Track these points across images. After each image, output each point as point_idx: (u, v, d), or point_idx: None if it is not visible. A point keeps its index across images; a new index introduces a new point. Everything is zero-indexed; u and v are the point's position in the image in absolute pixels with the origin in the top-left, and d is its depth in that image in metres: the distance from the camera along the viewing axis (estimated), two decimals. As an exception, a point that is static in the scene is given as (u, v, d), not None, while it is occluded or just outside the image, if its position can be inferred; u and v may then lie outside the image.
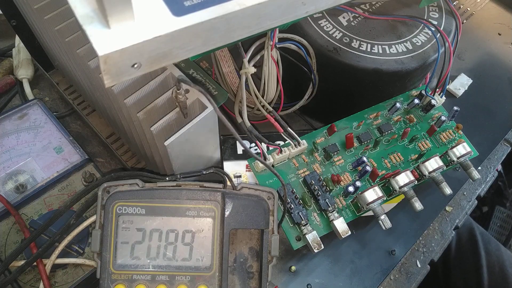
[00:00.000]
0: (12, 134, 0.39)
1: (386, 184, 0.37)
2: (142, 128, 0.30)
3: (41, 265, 0.31)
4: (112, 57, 0.19)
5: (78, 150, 0.39)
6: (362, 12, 0.41)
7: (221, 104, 0.38)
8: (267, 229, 0.31)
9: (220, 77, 0.41)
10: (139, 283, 0.29)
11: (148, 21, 0.20)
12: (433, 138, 0.40)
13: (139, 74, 0.21)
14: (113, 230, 0.29)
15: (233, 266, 0.31)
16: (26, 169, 0.37)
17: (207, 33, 0.22)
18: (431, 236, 0.43)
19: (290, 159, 0.38)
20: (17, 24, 0.39)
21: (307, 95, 0.42)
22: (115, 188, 0.30)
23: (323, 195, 0.35)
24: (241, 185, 0.31)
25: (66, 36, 0.30)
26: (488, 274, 0.52)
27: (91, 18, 0.19)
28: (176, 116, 0.29)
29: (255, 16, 0.23)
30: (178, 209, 0.30)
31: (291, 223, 0.35)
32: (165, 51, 0.21)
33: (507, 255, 0.54)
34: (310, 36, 0.39)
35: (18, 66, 0.45)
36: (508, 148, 0.49)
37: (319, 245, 0.34)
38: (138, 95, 0.29)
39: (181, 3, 0.21)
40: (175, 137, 0.28)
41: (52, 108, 0.45)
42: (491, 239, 0.56)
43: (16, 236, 0.34)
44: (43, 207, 0.35)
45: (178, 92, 0.26)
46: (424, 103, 0.41)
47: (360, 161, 0.37)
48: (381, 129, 0.39)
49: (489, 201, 0.96)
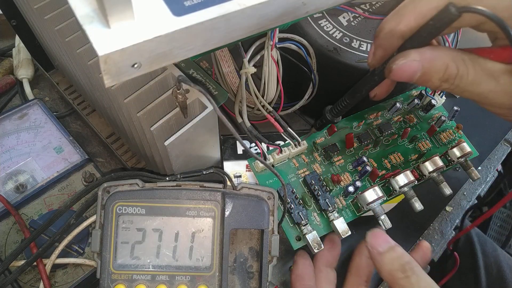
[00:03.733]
0: (12, 134, 0.39)
1: (386, 184, 0.37)
2: (142, 128, 0.30)
3: (41, 265, 0.31)
4: (112, 57, 0.19)
5: (78, 150, 0.39)
6: (362, 12, 0.41)
7: (221, 104, 0.38)
8: (267, 229, 0.31)
9: (220, 77, 0.41)
10: (139, 283, 0.29)
11: (148, 21, 0.20)
12: (433, 138, 0.40)
13: (139, 74, 0.21)
14: (113, 230, 0.29)
15: (233, 266, 0.31)
16: (26, 169, 0.37)
17: (207, 33, 0.22)
18: (431, 236, 0.43)
19: (290, 159, 0.38)
20: (17, 24, 0.39)
21: (307, 95, 0.42)
22: (115, 188, 0.30)
23: (323, 195, 0.35)
24: (241, 185, 0.31)
25: (66, 36, 0.30)
26: (485, 275, 0.52)
27: (91, 18, 0.19)
28: (176, 116, 0.29)
29: (255, 16, 0.23)
30: (178, 209, 0.30)
31: (291, 223, 0.35)
32: (165, 51, 0.21)
33: (503, 256, 0.54)
34: (310, 36, 0.39)
35: (18, 66, 0.45)
36: (508, 148, 0.49)
37: (319, 245, 0.34)
38: (138, 95, 0.29)
39: (181, 3, 0.21)
40: (175, 137, 0.28)
41: (52, 108, 0.45)
42: (487, 240, 0.56)
43: (16, 236, 0.34)
44: (43, 207, 0.35)
45: (178, 92, 0.26)
46: (424, 103, 0.41)
47: (360, 161, 0.37)
48: (381, 129, 0.39)
49: (489, 201, 0.96)
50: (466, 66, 0.25)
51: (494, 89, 0.25)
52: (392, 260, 0.29)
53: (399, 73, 0.26)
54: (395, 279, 0.28)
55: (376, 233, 0.31)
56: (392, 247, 0.30)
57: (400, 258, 0.29)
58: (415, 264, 0.29)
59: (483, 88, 0.25)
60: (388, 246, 0.30)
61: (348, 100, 0.32)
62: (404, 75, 0.26)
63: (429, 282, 0.28)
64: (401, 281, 0.28)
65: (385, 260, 0.30)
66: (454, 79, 0.25)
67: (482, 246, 0.55)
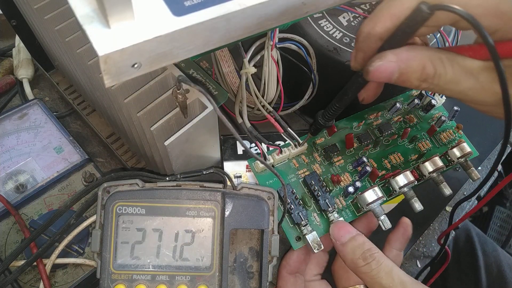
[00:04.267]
0: (12, 134, 0.39)
1: (386, 184, 0.37)
2: (142, 128, 0.30)
3: (41, 265, 0.31)
4: (112, 57, 0.19)
5: (78, 150, 0.39)
6: (362, 12, 0.41)
7: (221, 104, 0.38)
8: (267, 229, 0.31)
9: (220, 77, 0.41)
10: (139, 283, 0.29)
11: (148, 21, 0.20)
12: (433, 138, 0.40)
13: (139, 74, 0.21)
14: (113, 230, 0.29)
15: (233, 266, 0.31)
16: (26, 169, 0.37)
17: (208, 33, 0.22)
18: (431, 236, 0.43)
19: (290, 160, 0.38)
20: (17, 24, 0.39)
21: (307, 95, 0.42)
22: (115, 188, 0.30)
23: (323, 196, 0.35)
24: (241, 185, 0.31)
25: (66, 36, 0.30)
26: (486, 275, 0.52)
27: (91, 18, 0.19)
28: (176, 116, 0.29)
29: (255, 16, 0.23)
30: (178, 209, 0.30)
31: (291, 224, 0.35)
32: (165, 51, 0.21)
33: (504, 256, 0.54)
34: (310, 36, 0.39)
35: (18, 66, 0.45)
36: (508, 148, 0.49)
37: (319, 245, 0.34)
38: (138, 95, 0.29)
39: (182, 3, 0.21)
40: (175, 137, 0.28)
41: (52, 108, 0.45)
42: (487, 240, 0.56)
43: (16, 236, 0.34)
44: (43, 207, 0.35)
45: (178, 92, 0.26)
46: (424, 103, 0.41)
47: (360, 162, 0.37)
48: (381, 129, 0.39)
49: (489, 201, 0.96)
50: (444, 65, 0.25)
51: (474, 86, 0.25)
52: (353, 249, 0.31)
53: (376, 74, 0.26)
54: (358, 267, 0.30)
55: (339, 225, 0.33)
56: (353, 237, 0.31)
57: (361, 246, 0.30)
58: (376, 251, 0.30)
59: (462, 86, 0.25)
60: (349, 236, 0.31)
61: (337, 104, 0.32)
62: (382, 76, 0.26)
63: (389, 266, 0.29)
64: (362, 269, 0.29)
65: (347, 249, 0.31)
66: (432, 78, 0.25)
67: (482, 246, 0.55)
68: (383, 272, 0.29)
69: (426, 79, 0.25)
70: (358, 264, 0.30)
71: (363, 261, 0.30)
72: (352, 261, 0.30)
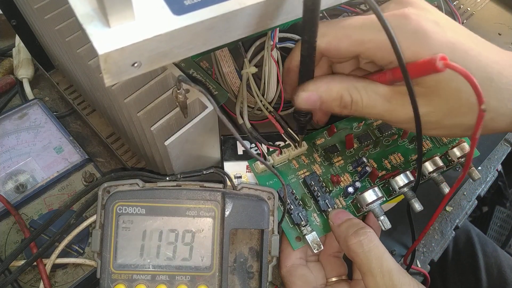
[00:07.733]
0: (12, 134, 0.39)
1: (386, 184, 0.37)
2: (142, 128, 0.30)
3: (41, 265, 0.31)
4: (112, 56, 0.19)
5: (78, 150, 0.39)
6: (362, 12, 0.41)
7: (221, 104, 0.38)
8: (267, 229, 0.31)
9: (220, 77, 0.41)
10: (139, 283, 0.29)
11: (148, 20, 0.20)
12: (434, 138, 0.40)
13: (139, 73, 0.21)
14: (113, 230, 0.29)
15: (233, 266, 0.31)
16: (26, 169, 0.37)
17: (207, 32, 0.22)
18: (431, 236, 0.43)
19: (290, 160, 0.38)
20: (17, 24, 0.39)
21: (307, 95, 0.42)
22: (115, 188, 0.30)
23: (323, 196, 0.35)
24: (241, 185, 0.31)
25: (66, 36, 0.30)
26: (486, 276, 0.52)
27: (92, 17, 0.19)
28: (176, 116, 0.29)
29: (255, 15, 0.23)
30: (178, 209, 0.30)
31: (291, 224, 0.35)
32: (165, 50, 0.21)
33: (504, 256, 0.54)
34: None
35: (18, 66, 0.45)
36: (508, 148, 0.49)
37: (318, 245, 0.34)
38: (138, 95, 0.29)
39: (181, 2, 0.21)
40: (175, 137, 0.28)
41: (52, 108, 0.45)
42: (487, 241, 0.56)
43: (16, 236, 0.34)
44: (43, 207, 0.35)
45: (178, 92, 0.26)
46: (424, 103, 0.41)
47: (360, 162, 0.37)
48: (381, 130, 0.39)
49: (489, 201, 0.96)
50: (359, 93, 0.27)
51: (389, 108, 0.27)
52: (347, 227, 0.31)
53: (302, 104, 0.29)
54: (349, 245, 0.30)
55: (338, 211, 0.34)
56: (349, 219, 0.32)
57: (355, 225, 0.31)
58: (369, 230, 0.30)
59: (378, 109, 0.28)
60: (346, 217, 0.33)
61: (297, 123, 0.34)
62: (307, 104, 0.29)
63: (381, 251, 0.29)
64: (353, 246, 0.30)
65: (341, 228, 0.32)
66: (351, 105, 0.28)
67: (483, 247, 0.55)
68: (374, 256, 0.29)
69: (346, 106, 0.28)
70: (350, 241, 0.30)
71: (355, 237, 0.30)
72: (345, 239, 0.31)
